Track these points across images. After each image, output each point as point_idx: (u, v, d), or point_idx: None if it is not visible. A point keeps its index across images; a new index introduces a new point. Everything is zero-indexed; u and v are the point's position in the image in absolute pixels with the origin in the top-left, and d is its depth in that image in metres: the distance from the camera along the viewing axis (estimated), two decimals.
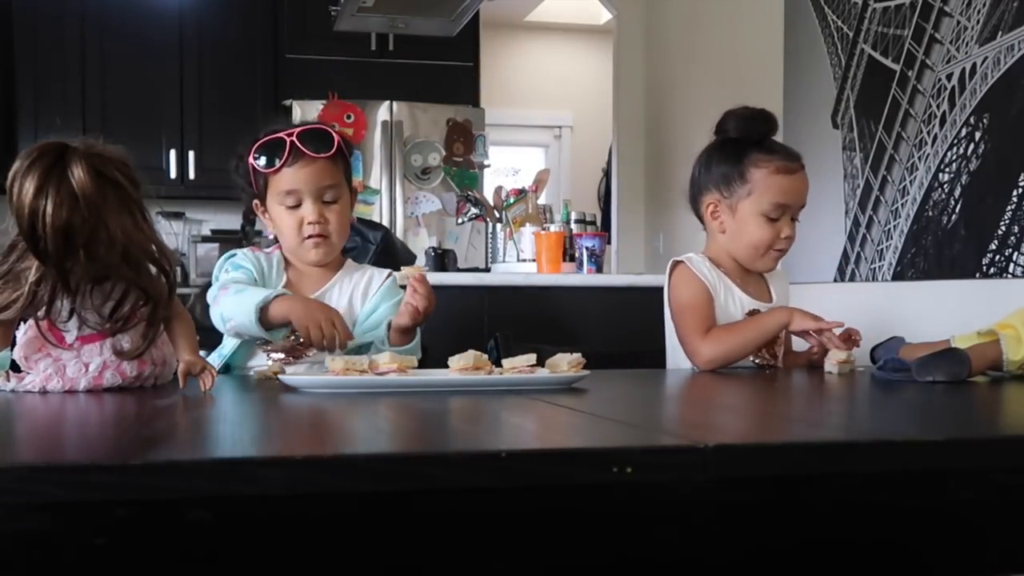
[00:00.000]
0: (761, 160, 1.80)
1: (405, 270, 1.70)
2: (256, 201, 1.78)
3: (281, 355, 1.68)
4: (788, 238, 1.82)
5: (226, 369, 1.70)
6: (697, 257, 1.85)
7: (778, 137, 2.25)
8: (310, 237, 1.72)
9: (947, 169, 2.32)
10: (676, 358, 1.83)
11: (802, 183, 1.83)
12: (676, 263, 1.85)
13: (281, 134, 1.71)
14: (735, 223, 1.82)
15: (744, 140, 1.82)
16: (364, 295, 1.79)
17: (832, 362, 1.64)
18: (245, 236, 1.91)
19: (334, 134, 1.75)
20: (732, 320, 1.79)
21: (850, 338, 1.75)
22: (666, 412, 1.20)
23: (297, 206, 1.71)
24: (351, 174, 1.82)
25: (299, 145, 1.70)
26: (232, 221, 4.49)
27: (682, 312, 1.80)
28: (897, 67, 2.51)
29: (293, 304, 1.63)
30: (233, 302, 1.64)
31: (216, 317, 1.65)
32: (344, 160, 1.78)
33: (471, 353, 1.30)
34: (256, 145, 1.73)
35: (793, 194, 1.81)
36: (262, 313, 1.60)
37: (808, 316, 1.71)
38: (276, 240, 1.80)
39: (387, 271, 1.86)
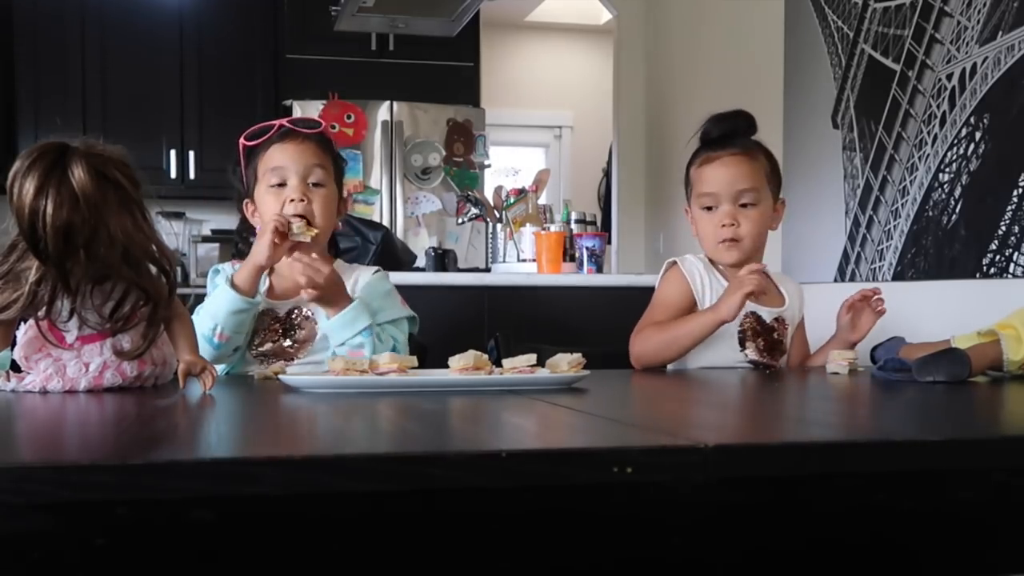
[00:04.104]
0: (695, 157, 1.82)
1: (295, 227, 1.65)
2: (246, 200, 1.78)
3: (274, 359, 1.69)
4: (726, 227, 1.77)
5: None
6: (694, 258, 1.85)
7: (778, 137, 2.26)
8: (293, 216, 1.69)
9: (947, 169, 2.32)
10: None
11: (726, 168, 1.78)
12: (671, 263, 1.86)
13: (273, 121, 1.76)
14: (695, 225, 1.85)
15: (706, 142, 1.83)
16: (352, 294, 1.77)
17: (834, 362, 1.64)
18: (240, 246, 1.93)
19: (323, 123, 1.79)
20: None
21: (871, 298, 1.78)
22: (666, 412, 1.20)
23: (282, 185, 1.71)
24: (341, 175, 1.81)
25: (288, 125, 1.74)
26: (232, 221, 4.50)
27: (652, 305, 1.83)
28: (897, 67, 2.51)
29: (247, 260, 1.66)
30: (208, 306, 1.66)
31: (204, 333, 1.61)
32: (333, 156, 1.79)
33: (471, 353, 1.30)
34: (247, 132, 1.76)
35: (715, 181, 1.78)
36: (236, 290, 1.63)
37: (735, 298, 1.65)
38: None
39: (374, 268, 1.84)
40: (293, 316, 1.73)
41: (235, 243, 1.94)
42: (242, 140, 1.76)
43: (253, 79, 4.79)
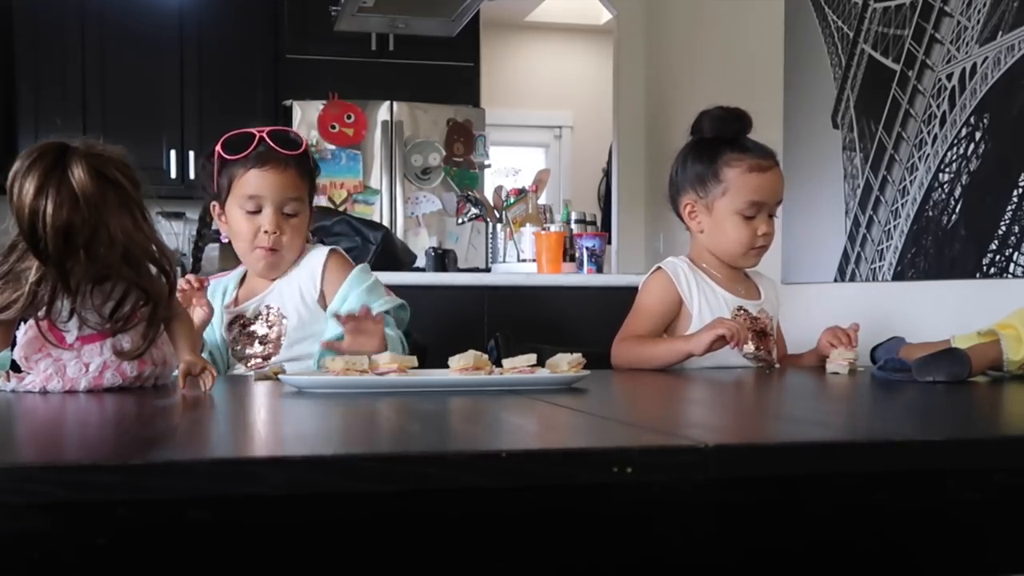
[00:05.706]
0: (734, 159, 1.82)
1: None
2: (214, 203, 1.77)
3: (259, 360, 1.69)
4: (766, 235, 1.83)
5: None
6: (677, 261, 1.87)
7: (778, 137, 2.26)
8: (261, 248, 1.71)
9: (947, 169, 2.32)
10: None
11: (775, 180, 1.84)
12: (656, 269, 1.88)
13: (252, 130, 1.72)
14: (712, 222, 1.85)
15: (718, 139, 1.84)
16: (312, 279, 1.75)
17: (834, 362, 1.64)
18: (201, 238, 1.92)
19: (304, 141, 1.76)
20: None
21: (849, 338, 1.76)
22: (666, 412, 1.20)
23: (257, 212, 1.71)
24: (313, 194, 1.81)
25: (268, 140, 1.70)
26: None
27: (634, 311, 1.85)
28: (897, 67, 2.51)
29: None
30: None
31: None
32: (310, 178, 1.77)
33: (471, 353, 1.30)
34: (225, 137, 1.72)
35: (767, 191, 1.82)
36: None
37: (707, 335, 1.66)
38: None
39: (327, 249, 1.81)
40: (262, 316, 1.74)
41: (198, 229, 1.92)
42: (219, 149, 1.72)
43: (253, 79, 4.79)
